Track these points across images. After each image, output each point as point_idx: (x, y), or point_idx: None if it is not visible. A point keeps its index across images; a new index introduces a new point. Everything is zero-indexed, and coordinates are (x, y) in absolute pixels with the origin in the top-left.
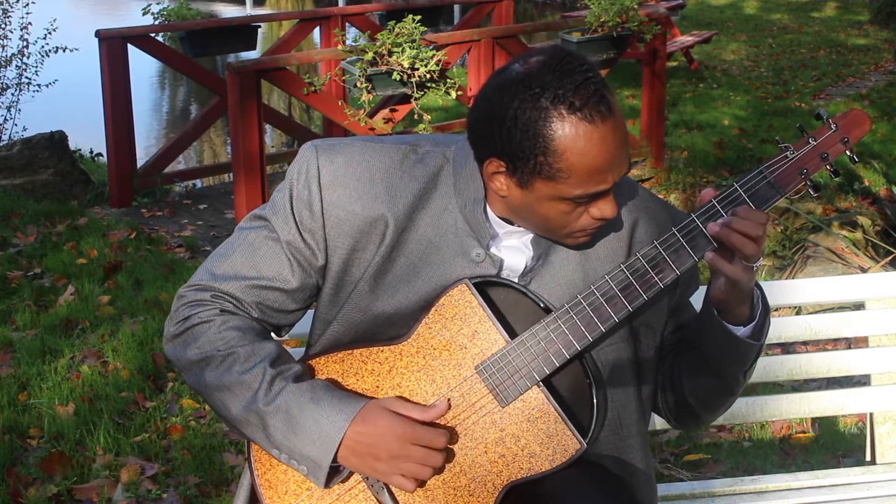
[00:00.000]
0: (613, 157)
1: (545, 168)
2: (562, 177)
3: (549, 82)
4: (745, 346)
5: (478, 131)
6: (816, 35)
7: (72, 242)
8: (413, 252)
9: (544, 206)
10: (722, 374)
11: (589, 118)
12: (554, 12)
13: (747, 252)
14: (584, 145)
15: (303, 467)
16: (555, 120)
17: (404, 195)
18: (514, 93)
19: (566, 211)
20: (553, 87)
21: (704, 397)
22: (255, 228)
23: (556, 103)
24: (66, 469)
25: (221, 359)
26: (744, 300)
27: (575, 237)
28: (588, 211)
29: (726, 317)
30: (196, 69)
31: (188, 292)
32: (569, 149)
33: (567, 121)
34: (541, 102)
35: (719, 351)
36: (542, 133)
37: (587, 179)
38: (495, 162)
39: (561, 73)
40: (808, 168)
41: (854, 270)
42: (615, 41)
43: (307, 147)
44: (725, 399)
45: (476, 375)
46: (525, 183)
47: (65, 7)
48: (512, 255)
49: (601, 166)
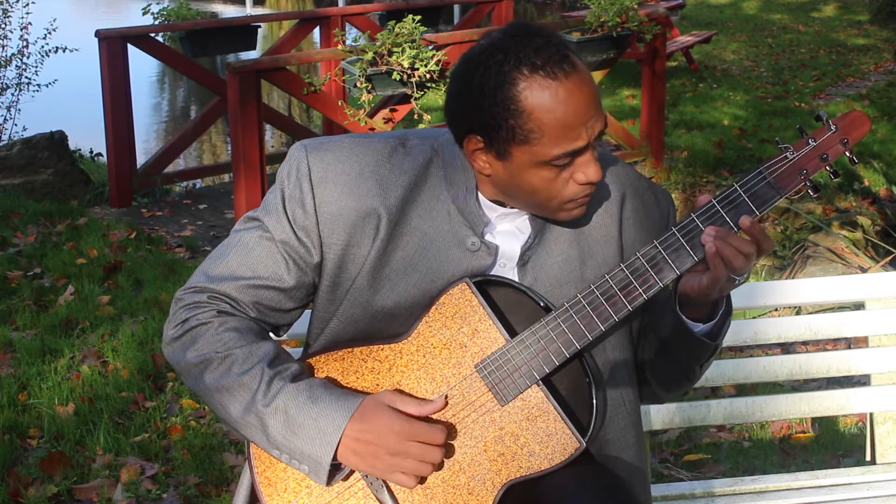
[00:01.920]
0: (582, 112)
1: (517, 132)
2: (534, 138)
3: (510, 48)
4: (700, 343)
5: (452, 110)
6: (816, 35)
7: (72, 242)
8: (408, 245)
9: (527, 175)
10: (679, 363)
11: (552, 75)
12: (554, 12)
13: (736, 265)
14: (550, 102)
15: (304, 466)
16: (518, 81)
17: (395, 188)
18: (477, 63)
19: (550, 178)
20: (514, 52)
21: (662, 378)
22: (250, 229)
23: (518, 65)
24: (66, 469)
25: (220, 361)
26: (710, 302)
27: (567, 209)
28: (573, 177)
29: (688, 311)
30: (196, 69)
31: (185, 295)
32: (536, 107)
33: (530, 79)
34: (504, 67)
35: (676, 342)
36: (508, 96)
37: (560, 137)
38: (473, 139)
39: (521, 39)
40: (807, 169)
41: (854, 270)
42: (615, 41)
43: (296, 147)
44: (682, 384)
45: (476, 374)
46: (503, 153)
47: (65, 7)
48: (507, 241)
49: (571, 121)
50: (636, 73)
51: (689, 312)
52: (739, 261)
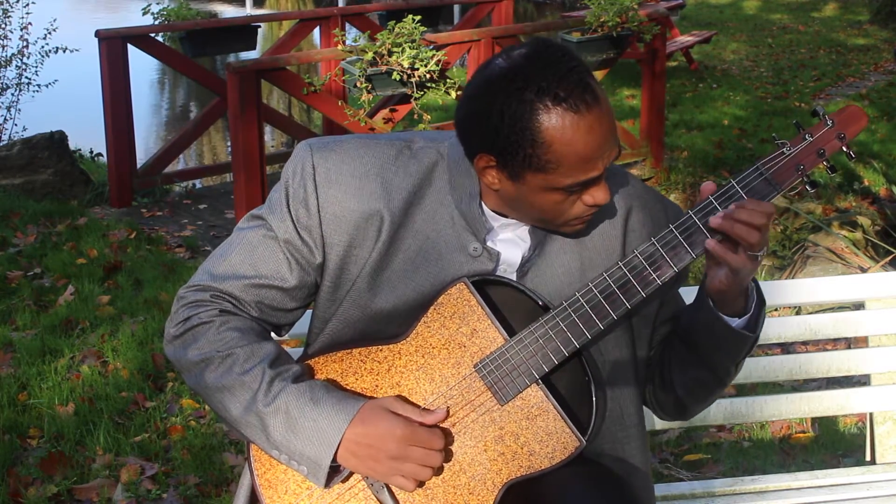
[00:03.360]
0: (601, 145)
1: (534, 160)
2: (551, 167)
3: (532, 75)
4: (741, 337)
5: (465, 128)
6: (816, 35)
7: (72, 242)
8: (410, 248)
9: (537, 197)
10: (714, 366)
11: (574, 108)
12: (554, 12)
13: (751, 240)
14: (572, 135)
15: (303, 468)
16: (540, 112)
17: (399, 191)
18: (498, 88)
19: (559, 200)
20: (537, 80)
21: (694, 389)
22: (253, 228)
23: (541, 95)
24: (66, 469)
25: (221, 360)
26: (742, 292)
27: (571, 225)
28: (581, 198)
29: (722, 309)
30: (196, 69)
31: (187, 293)
32: (556, 140)
33: (553, 112)
34: (525, 96)
35: (713, 342)
36: (529, 126)
37: (577, 168)
38: (485, 157)
39: (543, 65)
40: (804, 164)
41: (854, 270)
42: (615, 41)
43: (302, 146)
44: (715, 390)
45: (475, 374)
46: (516, 176)
47: (65, 7)
48: (508, 248)
49: (590, 154)
50: (636, 73)
51: (723, 310)
52: (753, 235)
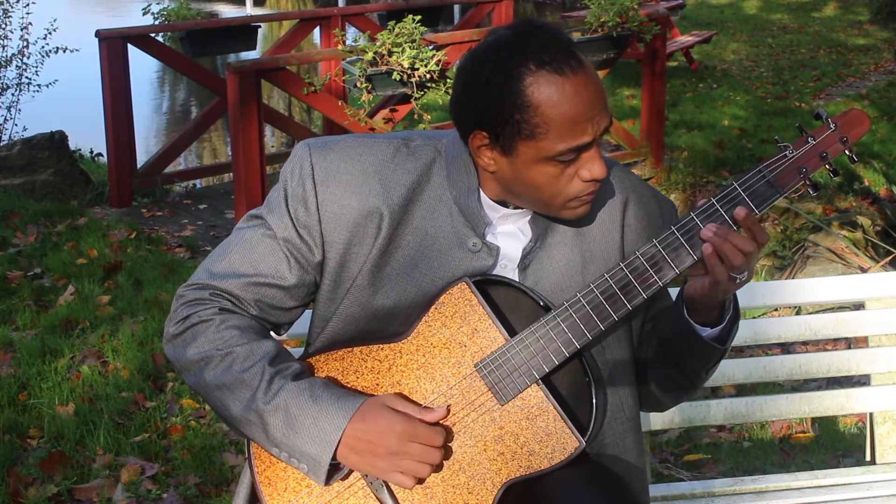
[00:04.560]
0: (589, 107)
1: (523, 126)
2: (540, 132)
3: (517, 44)
4: (709, 347)
5: (458, 106)
6: (816, 35)
7: (72, 242)
8: (410, 245)
9: (532, 171)
10: (684, 369)
11: (559, 70)
12: (554, 12)
13: (734, 262)
14: (557, 96)
15: (303, 465)
16: (525, 76)
17: (398, 188)
18: (484, 59)
19: (554, 174)
20: (521, 47)
21: (666, 385)
22: (252, 227)
23: (525, 60)
24: (66, 469)
25: (220, 358)
26: (717, 305)
27: (570, 207)
28: (578, 174)
29: (696, 316)
30: (196, 69)
31: (187, 291)
32: (542, 102)
33: (537, 74)
34: (511, 62)
35: (683, 347)
36: (515, 90)
37: (566, 132)
38: (479, 135)
39: (528, 35)
40: (807, 167)
41: (854, 270)
42: (615, 41)
43: (300, 146)
44: (686, 390)
45: (475, 373)
46: (508, 149)
47: (65, 7)
48: (508, 242)
49: (577, 116)
50: (636, 73)
51: (697, 317)
52: (738, 258)
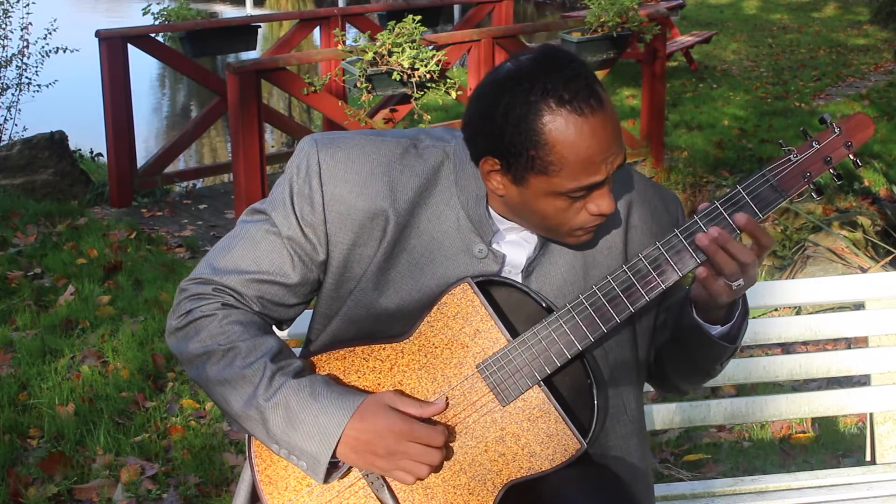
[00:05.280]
0: (605, 149)
1: (537, 162)
2: (554, 170)
3: (539, 77)
4: (718, 346)
5: (472, 130)
6: (816, 35)
7: (72, 242)
8: (415, 248)
9: (541, 202)
10: (698, 362)
11: (578, 110)
12: (554, 12)
13: (727, 271)
14: (575, 137)
15: (302, 462)
16: (544, 113)
17: (405, 190)
18: (504, 89)
19: (563, 207)
20: (542, 82)
21: (682, 373)
22: (257, 222)
23: (546, 97)
24: (66, 469)
25: (223, 353)
26: (721, 307)
27: (575, 235)
28: (585, 207)
29: (703, 314)
30: (196, 69)
31: (190, 285)
32: (559, 141)
33: (556, 113)
34: (530, 97)
35: (695, 343)
36: (532, 127)
37: (579, 172)
38: (490, 160)
39: (550, 69)
40: (811, 171)
41: (854, 270)
42: (615, 41)
43: (306, 141)
44: (703, 378)
45: (477, 374)
46: (520, 179)
47: (65, 7)
48: (514, 250)
49: (592, 158)
50: (636, 73)
51: (706, 315)
52: (730, 266)
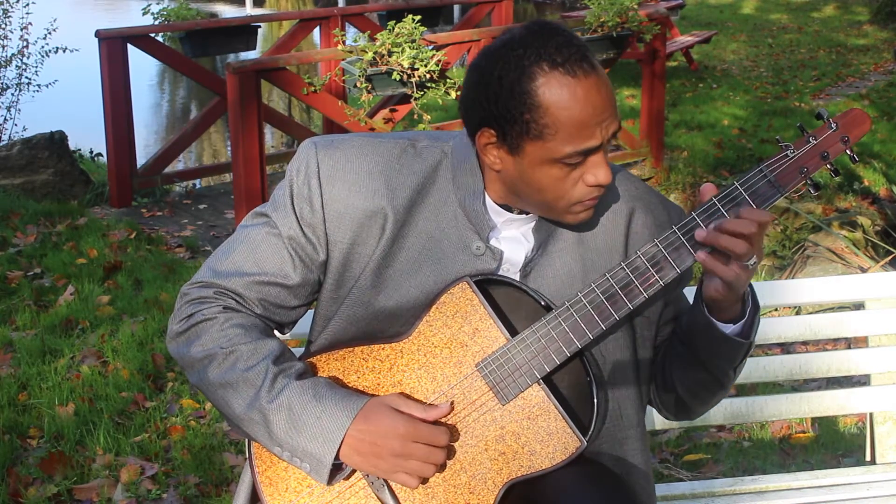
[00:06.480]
0: (598, 111)
1: (532, 126)
2: (549, 133)
3: (531, 43)
4: (735, 344)
5: (468, 101)
6: (816, 35)
7: (72, 242)
8: (413, 246)
9: (537, 172)
10: (711, 370)
11: (571, 72)
12: (554, 12)
13: (737, 251)
14: (568, 99)
15: (305, 465)
16: (537, 76)
17: (403, 189)
18: (497, 56)
19: (559, 176)
20: (535, 47)
21: (695, 390)
22: (257, 225)
23: (539, 60)
24: (66, 469)
25: (224, 356)
26: (738, 299)
27: (574, 212)
28: (583, 178)
29: (717, 315)
30: (196, 69)
31: (191, 289)
32: (552, 103)
33: (549, 75)
34: (523, 61)
35: (709, 347)
36: (526, 90)
37: (574, 134)
38: (486, 132)
39: (543, 36)
40: (808, 167)
41: (854, 270)
42: (615, 41)
43: (306, 144)
44: (716, 392)
45: (477, 373)
46: (516, 148)
47: (65, 7)
48: (512, 247)
49: (586, 120)
50: (636, 73)
51: (719, 316)
52: (739, 245)
